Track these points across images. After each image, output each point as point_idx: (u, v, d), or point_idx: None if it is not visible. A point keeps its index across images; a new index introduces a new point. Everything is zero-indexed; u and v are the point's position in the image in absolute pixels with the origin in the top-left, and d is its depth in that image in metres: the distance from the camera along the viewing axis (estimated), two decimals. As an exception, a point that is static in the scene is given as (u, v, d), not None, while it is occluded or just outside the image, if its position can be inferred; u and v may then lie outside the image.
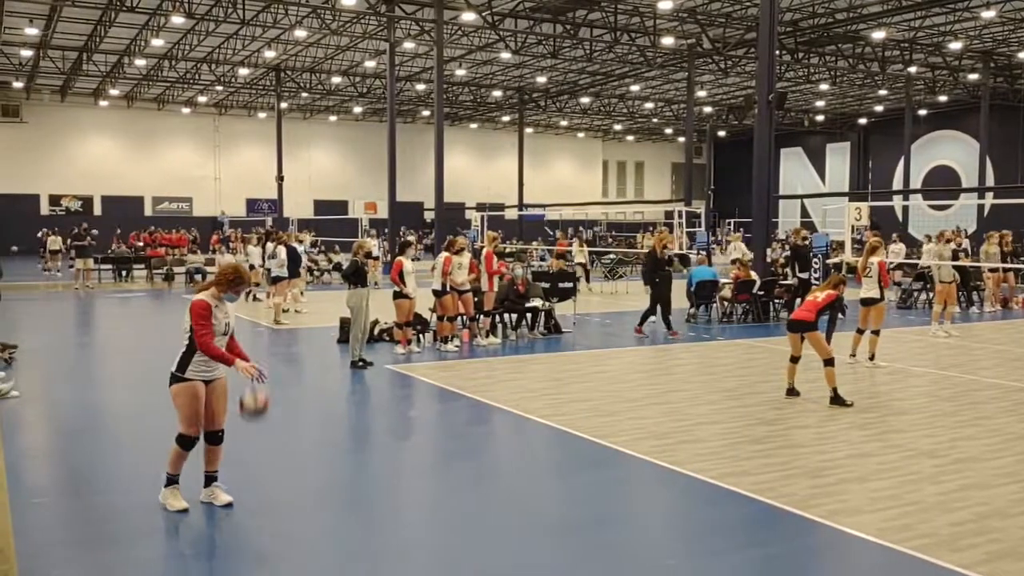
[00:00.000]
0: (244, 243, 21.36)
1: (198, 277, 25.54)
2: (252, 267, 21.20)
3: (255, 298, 20.52)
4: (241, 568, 5.17)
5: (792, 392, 9.63)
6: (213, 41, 34.18)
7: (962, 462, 7.10)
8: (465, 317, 13.74)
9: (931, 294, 20.38)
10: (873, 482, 6.54)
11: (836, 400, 9.19)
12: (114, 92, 43.75)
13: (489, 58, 37.94)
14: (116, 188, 46.33)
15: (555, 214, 46.71)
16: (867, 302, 11.91)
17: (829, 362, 9.29)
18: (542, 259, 31.29)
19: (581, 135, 59.45)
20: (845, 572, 5.28)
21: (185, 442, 5.77)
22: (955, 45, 33.17)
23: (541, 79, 43.33)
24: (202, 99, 45.69)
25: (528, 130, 52.47)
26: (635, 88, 44.98)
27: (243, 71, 38.97)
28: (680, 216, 26.93)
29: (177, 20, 28.43)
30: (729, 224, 48.57)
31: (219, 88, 43.14)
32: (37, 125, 44.33)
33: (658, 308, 14.82)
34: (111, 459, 7.39)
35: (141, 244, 32.92)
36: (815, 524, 5.67)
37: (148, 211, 47.10)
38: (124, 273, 27.42)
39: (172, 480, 5.85)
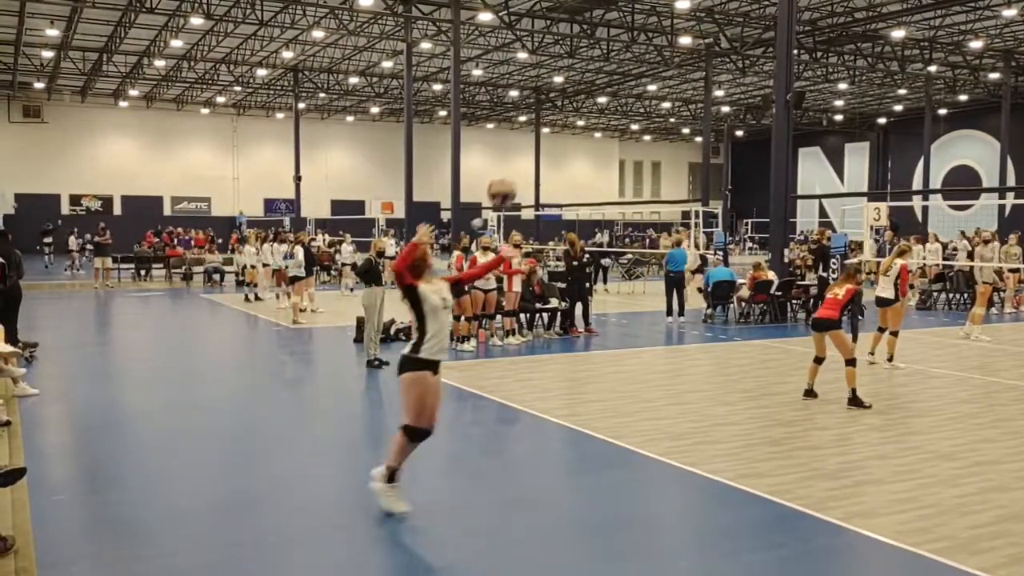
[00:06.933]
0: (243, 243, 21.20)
1: (216, 277, 25.70)
2: (252, 267, 21.27)
3: (257, 297, 20.55)
4: (257, 565, 5.19)
5: (810, 393, 9.56)
6: (232, 42, 34.41)
7: (981, 465, 7.04)
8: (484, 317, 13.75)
9: (951, 295, 20.29)
10: (891, 484, 6.49)
11: (854, 401, 9.13)
12: (133, 93, 44.11)
13: (506, 58, 37.97)
14: (135, 188, 46.75)
15: (572, 214, 46.58)
16: (882, 302, 11.84)
17: (851, 362, 9.21)
18: (558, 259, 31.20)
19: (598, 135, 59.37)
20: (862, 575, 5.25)
21: (415, 434, 5.63)
22: (975, 44, 32.87)
23: (558, 79, 43.31)
24: (220, 99, 45.99)
25: (545, 130, 52.45)
26: (652, 88, 44.87)
27: (261, 72, 39.22)
28: (697, 216, 26.80)
29: (196, 21, 28.70)
30: (745, 226, 48.29)
31: (237, 88, 43.44)
32: (58, 126, 44.80)
33: (578, 306, 14.98)
34: (130, 456, 7.43)
35: (158, 243, 33.09)
36: (832, 526, 5.63)
37: (167, 211, 47.49)
38: (143, 272, 27.63)
39: (393, 475, 5.65)
